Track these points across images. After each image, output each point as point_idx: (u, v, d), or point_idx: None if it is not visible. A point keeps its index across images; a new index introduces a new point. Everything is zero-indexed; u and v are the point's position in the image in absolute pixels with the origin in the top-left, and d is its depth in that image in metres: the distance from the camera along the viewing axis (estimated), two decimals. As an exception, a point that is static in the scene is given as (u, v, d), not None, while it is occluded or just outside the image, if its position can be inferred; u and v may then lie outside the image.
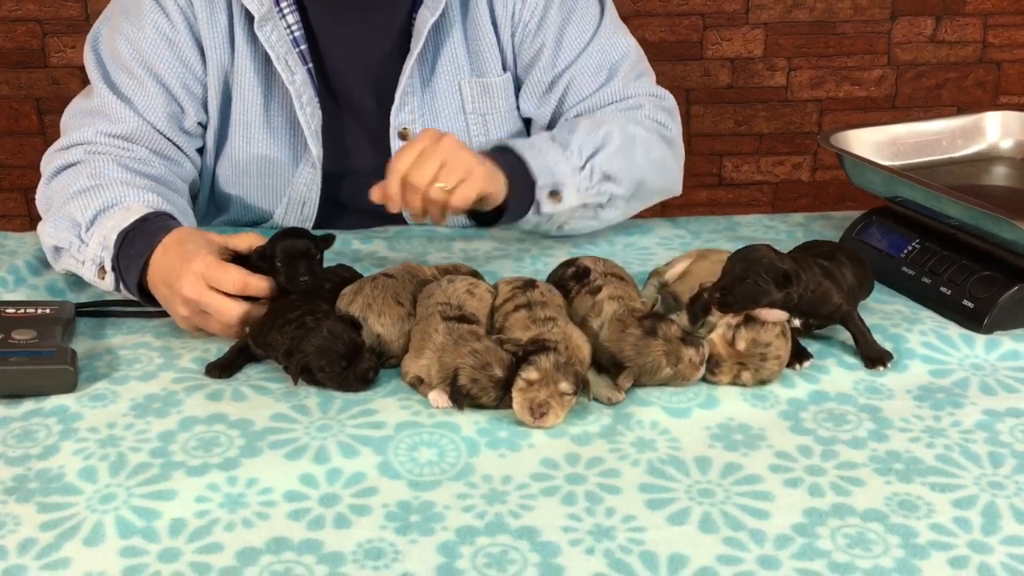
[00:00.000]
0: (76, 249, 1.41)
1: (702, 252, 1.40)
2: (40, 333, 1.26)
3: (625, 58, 1.66)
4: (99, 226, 1.40)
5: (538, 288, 1.28)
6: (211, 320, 1.29)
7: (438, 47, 1.60)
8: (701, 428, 1.16)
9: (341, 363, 1.20)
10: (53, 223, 1.45)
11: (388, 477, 1.07)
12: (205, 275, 1.27)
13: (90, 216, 1.42)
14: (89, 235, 1.40)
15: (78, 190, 1.45)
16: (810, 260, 1.29)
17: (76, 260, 1.41)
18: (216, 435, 1.13)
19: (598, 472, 1.08)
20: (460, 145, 1.40)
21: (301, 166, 1.62)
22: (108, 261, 1.37)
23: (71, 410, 1.18)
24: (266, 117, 1.60)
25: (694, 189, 3.18)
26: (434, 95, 1.62)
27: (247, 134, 1.61)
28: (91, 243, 1.39)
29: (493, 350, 1.17)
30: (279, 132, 1.61)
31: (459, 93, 1.62)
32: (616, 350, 1.21)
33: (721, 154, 3.20)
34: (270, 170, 1.62)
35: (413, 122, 1.61)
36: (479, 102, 1.63)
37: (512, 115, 1.66)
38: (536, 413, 1.13)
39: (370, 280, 1.32)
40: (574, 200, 1.53)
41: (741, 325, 1.19)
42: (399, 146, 1.61)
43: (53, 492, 1.05)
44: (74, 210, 1.43)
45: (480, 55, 1.62)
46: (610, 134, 1.56)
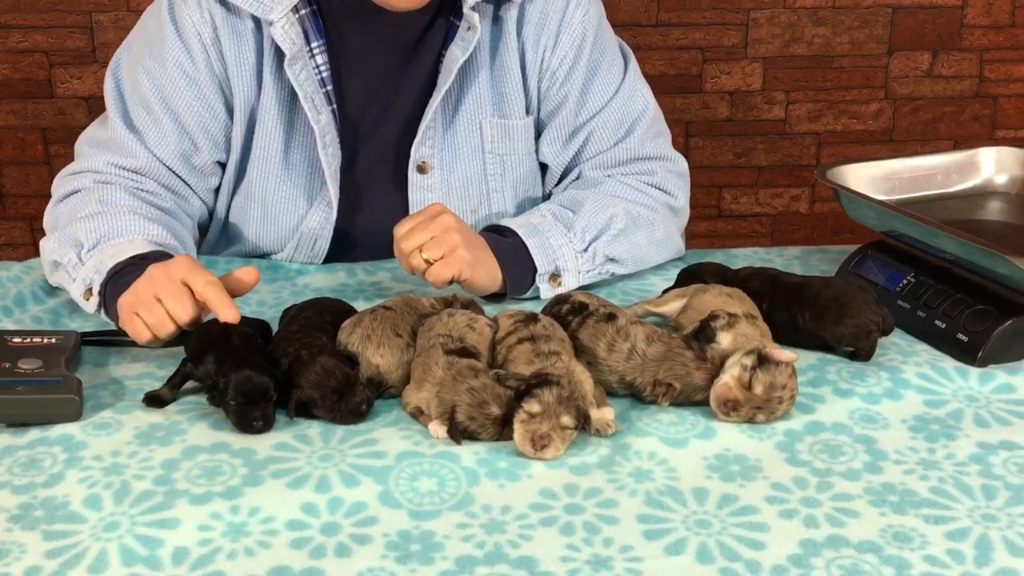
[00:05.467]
0: (72, 266, 1.44)
1: (700, 287, 1.41)
2: (46, 362, 1.27)
3: (644, 114, 1.67)
4: (99, 251, 1.43)
5: (540, 322, 1.29)
6: (154, 310, 1.29)
7: (463, 86, 1.61)
8: (698, 459, 1.17)
9: (333, 397, 1.21)
10: (57, 240, 1.47)
11: (389, 507, 1.09)
12: (180, 267, 1.30)
13: (94, 239, 1.44)
14: (88, 256, 1.43)
15: (87, 214, 1.48)
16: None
17: (69, 276, 1.44)
18: (219, 464, 1.14)
19: (596, 502, 1.09)
20: (456, 226, 1.45)
21: (316, 204, 1.63)
22: (97, 285, 1.40)
23: (76, 438, 1.19)
24: (285, 154, 1.61)
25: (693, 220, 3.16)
26: (455, 132, 1.63)
27: (265, 169, 1.62)
28: (87, 264, 1.42)
29: (491, 387, 1.18)
30: (297, 170, 1.62)
31: (479, 132, 1.63)
32: (663, 370, 1.23)
33: (720, 186, 3.22)
34: (284, 206, 1.63)
35: (432, 156, 1.62)
36: (499, 143, 1.65)
37: (530, 157, 1.68)
38: (537, 445, 1.14)
39: (369, 312, 1.33)
40: (574, 283, 1.55)
41: (756, 368, 1.20)
42: (416, 180, 1.63)
43: (58, 520, 1.06)
44: (79, 231, 1.46)
45: (505, 97, 1.63)
46: (615, 217, 1.58)
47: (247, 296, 1.53)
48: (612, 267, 1.59)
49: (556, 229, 1.56)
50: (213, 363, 1.24)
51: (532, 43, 1.62)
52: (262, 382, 1.21)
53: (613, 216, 1.58)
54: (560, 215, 1.58)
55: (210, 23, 1.54)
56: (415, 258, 1.44)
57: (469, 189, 1.66)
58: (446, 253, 1.43)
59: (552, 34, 1.62)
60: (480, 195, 1.67)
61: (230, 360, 1.23)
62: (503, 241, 1.53)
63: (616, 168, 1.66)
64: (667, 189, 1.67)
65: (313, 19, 1.56)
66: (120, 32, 2.87)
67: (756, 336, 1.28)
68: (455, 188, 1.65)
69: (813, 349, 1.38)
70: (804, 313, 1.38)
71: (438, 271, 1.43)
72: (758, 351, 1.22)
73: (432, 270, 1.44)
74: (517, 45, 1.62)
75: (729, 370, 1.22)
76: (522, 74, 1.63)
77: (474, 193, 1.66)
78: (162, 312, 1.29)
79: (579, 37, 1.62)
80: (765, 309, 1.37)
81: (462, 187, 1.65)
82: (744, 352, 1.22)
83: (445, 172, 1.64)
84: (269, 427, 1.21)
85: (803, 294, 1.39)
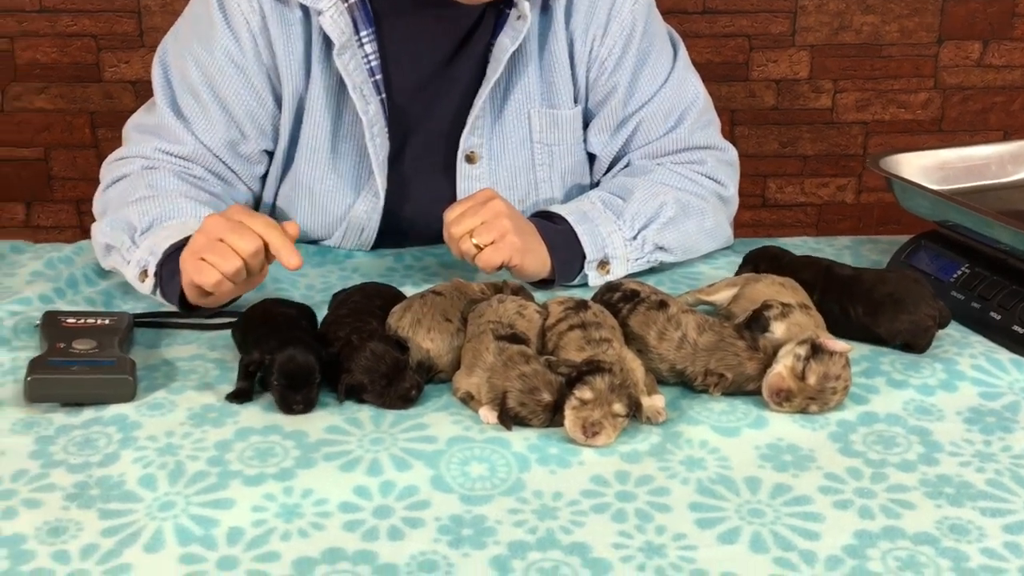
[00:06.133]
0: (126, 249, 1.45)
1: (752, 277, 1.40)
2: (100, 343, 1.28)
3: (694, 104, 1.66)
4: (153, 234, 1.43)
5: (591, 309, 1.29)
6: (217, 248, 1.28)
7: (512, 75, 1.60)
8: (750, 448, 1.16)
9: (383, 382, 1.22)
10: (109, 223, 1.48)
11: (440, 491, 1.09)
12: (236, 210, 1.30)
13: (147, 222, 1.45)
14: (142, 239, 1.44)
15: (137, 198, 1.49)
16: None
17: (123, 259, 1.45)
18: (271, 446, 1.15)
19: (648, 490, 1.09)
20: (506, 212, 1.45)
21: (363, 194, 1.63)
22: (152, 267, 1.40)
23: (130, 419, 1.20)
24: (333, 143, 1.61)
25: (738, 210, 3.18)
26: (504, 122, 1.62)
27: (313, 159, 1.62)
28: (142, 246, 1.43)
29: (542, 374, 1.18)
30: (345, 159, 1.62)
31: (528, 122, 1.63)
32: (715, 360, 1.23)
33: (765, 175, 3.20)
34: (332, 196, 1.63)
35: (481, 146, 1.62)
36: (547, 132, 1.64)
37: (578, 147, 1.67)
38: (588, 432, 1.14)
39: (419, 297, 1.34)
40: (622, 271, 1.54)
41: (810, 358, 1.20)
42: (464, 170, 1.63)
43: (113, 499, 1.07)
44: (131, 214, 1.47)
45: (553, 86, 1.62)
46: (664, 206, 1.57)
47: (295, 279, 1.54)
48: (661, 255, 1.58)
49: (606, 216, 1.55)
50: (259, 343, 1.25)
51: (581, 32, 1.61)
52: (307, 362, 1.21)
53: (663, 204, 1.57)
54: (610, 203, 1.58)
55: (258, 11, 1.54)
56: (465, 243, 1.44)
57: (517, 179, 1.66)
58: (496, 239, 1.43)
59: (601, 24, 1.61)
60: (528, 185, 1.66)
61: (275, 339, 1.24)
62: (552, 227, 1.53)
63: (666, 157, 1.66)
64: (717, 178, 1.66)
65: (362, 7, 1.55)
66: (168, 17, 2.88)
67: (810, 326, 1.27)
68: (503, 178, 1.65)
69: (866, 342, 1.37)
70: (857, 307, 1.37)
71: (488, 256, 1.43)
72: (812, 341, 1.21)
73: (482, 255, 1.43)
74: (566, 35, 1.61)
75: (782, 360, 1.21)
76: (570, 64, 1.62)
77: (522, 183, 1.66)
78: (225, 248, 1.29)
79: (628, 26, 1.61)
80: (816, 301, 1.35)
81: (510, 177, 1.65)
82: (798, 342, 1.22)
83: (493, 162, 1.64)
84: (310, 410, 1.21)
85: (856, 288, 1.38)
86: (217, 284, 1.30)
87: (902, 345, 1.36)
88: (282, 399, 1.21)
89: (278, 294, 1.48)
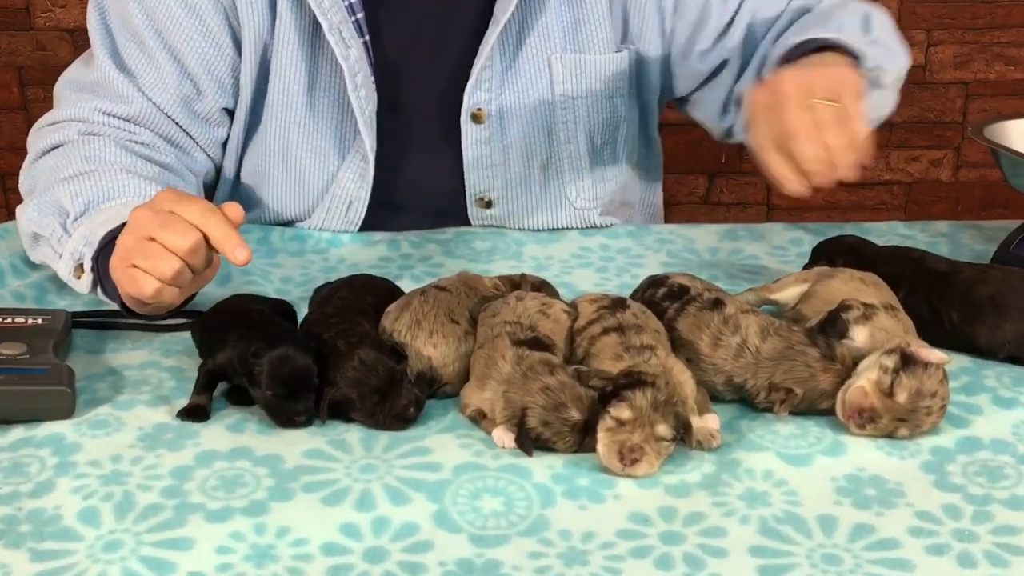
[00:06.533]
0: (57, 239, 1.45)
1: (825, 272, 1.40)
2: (31, 347, 1.29)
3: None
4: (88, 219, 1.44)
5: (630, 309, 1.29)
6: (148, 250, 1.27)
7: (526, 15, 1.61)
8: (825, 480, 1.16)
9: (374, 397, 1.22)
10: (37, 207, 1.48)
11: (445, 530, 1.09)
12: (165, 199, 1.28)
13: (81, 205, 1.45)
14: (75, 226, 1.44)
15: (70, 174, 1.49)
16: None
17: (54, 251, 1.45)
18: (240, 473, 1.16)
19: (699, 530, 1.09)
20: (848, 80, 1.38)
21: (349, 158, 1.64)
22: (88, 259, 1.40)
23: (68, 439, 1.20)
24: (309, 99, 1.62)
25: (808, 189, 3.18)
26: (517, 72, 1.63)
27: (285, 118, 1.63)
28: (75, 235, 1.43)
29: (570, 387, 1.18)
30: (324, 117, 1.63)
31: (548, 71, 1.64)
32: (781, 372, 1.23)
33: (842, 147, 3.19)
34: (310, 162, 1.64)
35: (490, 102, 1.63)
36: (572, 83, 1.65)
37: (611, 103, 1.68)
38: (627, 459, 1.14)
39: (419, 294, 1.34)
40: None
41: (899, 370, 1.20)
42: (471, 131, 1.63)
43: (48, 537, 1.07)
44: (63, 195, 1.47)
45: (582, 26, 1.63)
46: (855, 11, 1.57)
47: (267, 270, 1.55)
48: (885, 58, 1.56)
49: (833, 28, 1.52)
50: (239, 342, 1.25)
51: None
52: (305, 364, 1.22)
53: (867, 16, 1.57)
54: (810, 23, 1.55)
55: None
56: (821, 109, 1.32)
57: (535, 142, 1.67)
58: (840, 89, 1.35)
59: None
60: (548, 148, 1.67)
61: (260, 339, 1.24)
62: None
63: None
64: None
65: None
66: (113, -50, 2.89)
67: (898, 331, 1.27)
68: (517, 140, 1.65)
69: (964, 352, 1.36)
70: (951, 311, 1.36)
71: (855, 103, 1.34)
72: (901, 350, 1.21)
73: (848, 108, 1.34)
74: None
75: (865, 372, 1.21)
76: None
77: (541, 146, 1.67)
78: (157, 248, 1.27)
79: None
80: (901, 301, 1.35)
81: (526, 140, 1.66)
82: (884, 351, 1.22)
83: (505, 121, 1.64)
84: (311, 421, 1.22)
85: (951, 287, 1.38)
86: (156, 294, 1.29)
87: (1008, 357, 1.36)
88: (279, 412, 1.21)
89: (248, 290, 1.48)
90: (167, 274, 1.27)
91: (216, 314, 1.34)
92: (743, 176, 3.24)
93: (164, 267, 1.27)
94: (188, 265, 1.27)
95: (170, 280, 1.28)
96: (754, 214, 3.26)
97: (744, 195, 3.27)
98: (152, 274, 1.28)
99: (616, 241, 1.67)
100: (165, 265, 1.27)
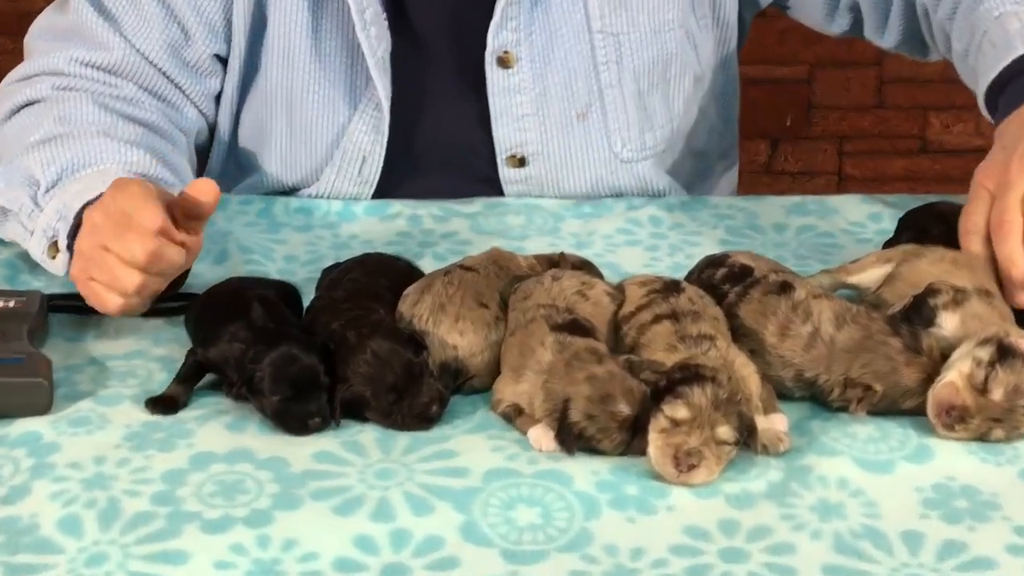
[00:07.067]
0: (27, 214, 1.45)
1: (912, 250, 1.40)
2: (2, 333, 1.29)
3: None
4: (61, 189, 1.44)
5: (685, 293, 1.29)
6: (103, 263, 1.29)
7: None
8: (909, 490, 1.16)
9: (391, 395, 1.22)
10: (3, 176, 1.49)
11: (474, 543, 1.09)
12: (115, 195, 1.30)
13: (53, 175, 1.46)
14: (47, 198, 1.45)
15: (42, 138, 1.50)
16: None
17: (25, 228, 1.46)
18: (240, 478, 1.16)
19: (765, 547, 1.09)
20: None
21: (361, 108, 1.65)
22: (63, 237, 1.41)
23: (45, 438, 1.21)
24: (314, 41, 1.63)
25: (885, 157, 3.17)
26: (548, 7, 1.63)
27: (287, 64, 1.64)
28: (47, 209, 1.44)
29: (620, 378, 1.18)
30: (331, 61, 1.64)
31: (583, 3, 1.64)
32: (859, 365, 1.23)
33: (925, 107, 3.18)
34: (317, 112, 1.65)
35: (518, 43, 1.63)
36: (611, 17, 1.65)
37: (658, 38, 1.68)
38: (682, 464, 1.14)
39: (442, 275, 1.34)
40: None
41: (995, 363, 1.19)
42: (498, 77, 1.63)
43: (24, 549, 1.08)
44: (33, 163, 1.48)
45: None
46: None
47: (268, 248, 1.55)
48: None
49: None
50: (234, 340, 1.26)
51: None
52: (311, 363, 1.22)
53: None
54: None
55: None
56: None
57: (573, 87, 1.67)
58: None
59: None
60: (589, 94, 1.68)
61: (260, 334, 1.25)
62: None
63: None
64: None
65: None
66: None
67: (994, 319, 1.27)
68: (554, 87, 1.66)
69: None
70: None
71: None
72: (999, 340, 1.21)
73: None
74: None
75: (956, 366, 1.21)
76: None
77: (580, 92, 1.67)
78: (112, 261, 1.30)
79: None
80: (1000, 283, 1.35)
81: (563, 85, 1.67)
82: (978, 341, 1.21)
83: (537, 65, 1.65)
84: (327, 423, 1.23)
85: None
86: (121, 309, 1.32)
87: None
88: (287, 416, 1.22)
89: (247, 269, 1.49)
90: (128, 289, 1.30)
91: (210, 299, 1.35)
92: (811, 141, 3.23)
93: (124, 282, 1.30)
94: (154, 269, 1.30)
95: (133, 294, 1.31)
96: (823, 184, 3.25)
97: (812, 163, 3.26)
98: (113, 290, 1.31)
99: (668, 215, 1.66)
100: (125, 280, 1.30)
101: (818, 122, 3.22)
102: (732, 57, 1.80)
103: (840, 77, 3.19)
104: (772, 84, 3.19)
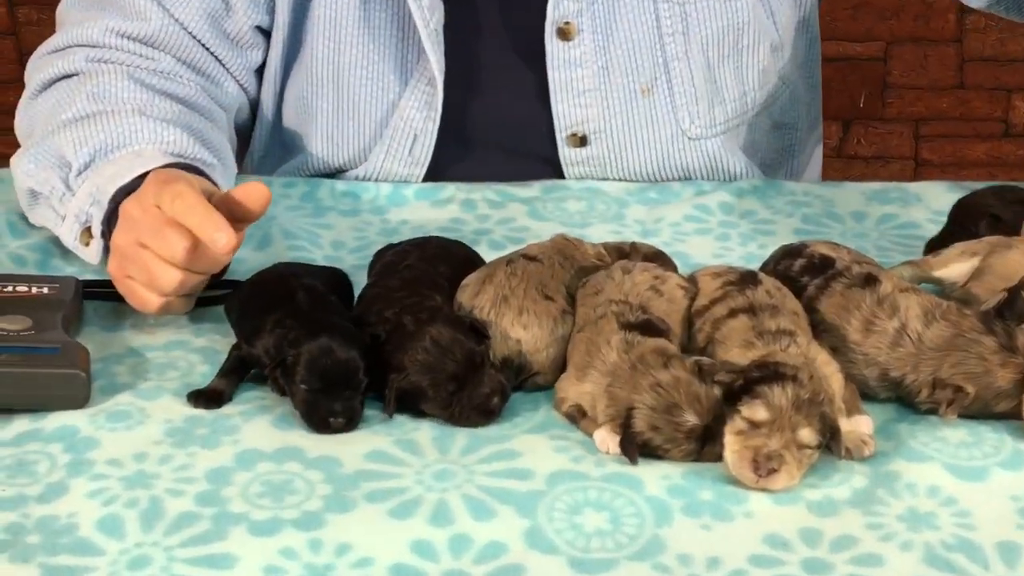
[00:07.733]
0: (58, 197, 1.46)
1: (999, 241, 1.39)
2: (36, 322, 1.30)
3: None
4: (95, 172, 1.45)
5: (762, 285, 1.29)
6: (140, 260, 1.30)
7: None
8: (1004, 498, 1.16)
9: (450, 385, 1.22)
10: (34, 157, 1.50)
11: (539, 551, 1.09)
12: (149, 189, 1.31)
13: (85, 156, 1.47)
14: (79, 181, 1.45)
15: (74, 116, 1.50)
16: None
17: (56, 213, 1.46)
18: (289, 478, 1.16)
19: (850, 557, 1.09)
20: None
21: (413, 83, 1.65)
22: (97, 223, 1.41)
23: (82, 433, 1.22)
24: (363, 12, 1.63)
25: (967, 140, 3.15)
26: None
27: (334, 37, 1.64)
28: (79, 192, 1.44)
29: (686, 384, 1.18)
30: (381, 34, 1.64)
31: None
32: (949, 365, 1.22)
33: (1009, 89, 3.17)
34: (366, 88, 1.66)
35: (579, 13, 1.63)
36: None
37: (729, 5, 1.67)
38: (762, 469, 1.13)
39: (504, 264, 1.34)
40: None
41: None
42: (557, 50, 1.63)
43: (62, 551, 1.08)
44: (64, 143, 1.48)
45: None
46: None
47: (314, 233, 1.55)
48: None
49: None
50: (274, 331, 1.26)
51: None
52: (348, 358, 1.22)
53: None
54: None
55: None
56: None
57: (638, 60, 1.67)
58: None
59: None
60: (654, 68, 1.67)
61: (299, 325, 1.25)
62: None
63: None
64: None
65: None
66: None
67: (1098, 316, 1.26)
68: (617, 60, 1.66)
69: None
70: None
71: None
72: (1104, 339, 1.20)
73: None
74: None
75: (1062, 360, 1.21)
76: None
77: (646, 66, 1.67)
78: (150, 259, 1.30)
79: None
80: None
81: (627, 58, 1.66)
82: (1080, 340, 1.21)
83: (600, 36, 1.65)
84: (353, 426, 1.22)
85: None
86: (162, 308, 1.33)
87: None
88: (312, 410, 1.22)
89: (292, 256, 1.49)
90: (167, 288, 1.31)
91: (254, 288, 1.35)
92: (886, 124, 3.22)
93: (163, 281, 1.31)
94: (191, 271, 1.30)
95: (173, 293, 1.32)
96: (898, 170, 3.23)
97: (886, 147, 3.25)
98: (151, 289, 1.32)
99: (739, 201, 1.66)
100: (164, 278, 1.31)
101: (893, 103, 3.20)
102: (813, 15, 1.79)
103: (917, 55, 3.17)
104: (844, 62, 3.17)
